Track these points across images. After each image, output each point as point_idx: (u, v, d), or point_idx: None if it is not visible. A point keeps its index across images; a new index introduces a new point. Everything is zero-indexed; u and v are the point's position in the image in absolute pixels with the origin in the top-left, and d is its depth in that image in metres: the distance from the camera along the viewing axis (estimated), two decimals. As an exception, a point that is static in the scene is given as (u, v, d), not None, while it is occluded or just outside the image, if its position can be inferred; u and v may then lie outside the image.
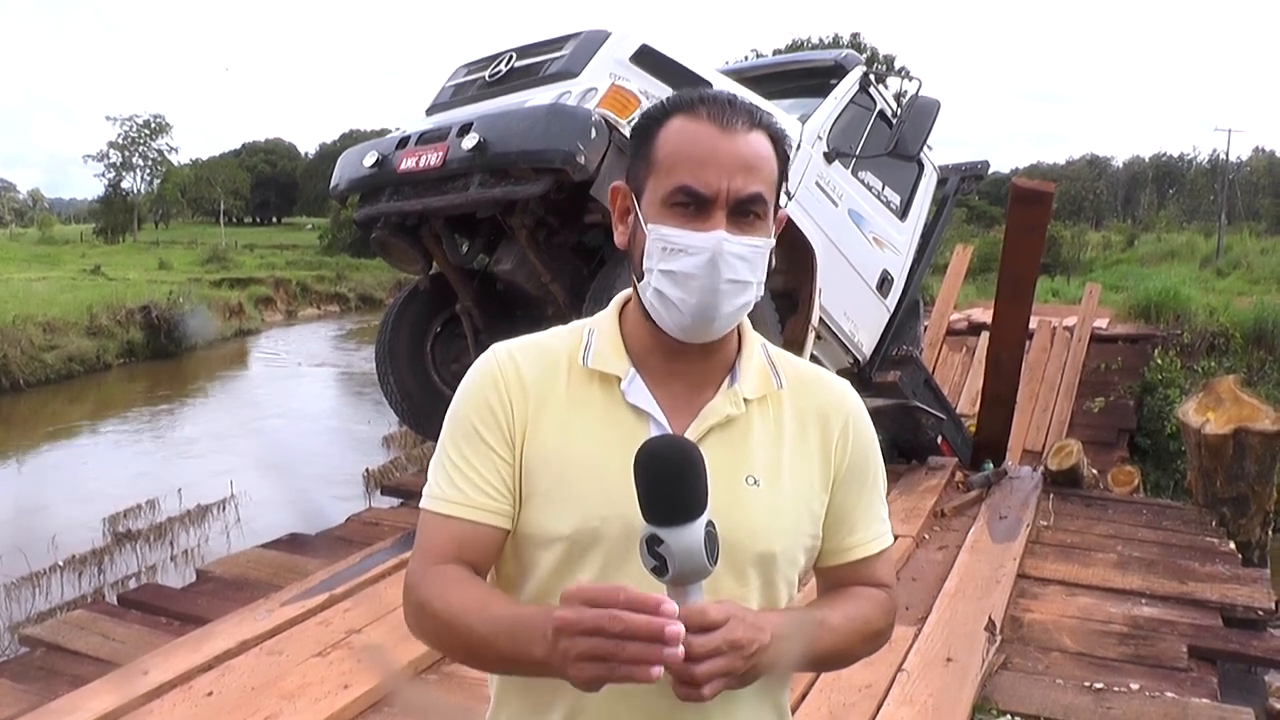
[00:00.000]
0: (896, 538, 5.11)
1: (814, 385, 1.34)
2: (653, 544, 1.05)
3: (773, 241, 1.25)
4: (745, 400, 1.27)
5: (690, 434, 1.22)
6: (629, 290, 1.32)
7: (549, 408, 1.25)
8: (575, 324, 1.34)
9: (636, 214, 1.25)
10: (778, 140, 1.24)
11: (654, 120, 1.24)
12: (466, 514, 1.23)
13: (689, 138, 1.20)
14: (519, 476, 1.25)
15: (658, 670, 0.99)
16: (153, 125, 65.35)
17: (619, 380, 1.26)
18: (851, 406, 1.34)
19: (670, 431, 1.22)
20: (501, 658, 1.15)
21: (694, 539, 1.04)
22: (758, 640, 1.11)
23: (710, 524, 1.06)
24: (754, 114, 1.22)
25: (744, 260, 1.20)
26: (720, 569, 1.12)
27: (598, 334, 1.29)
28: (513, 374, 1.27)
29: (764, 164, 1.21)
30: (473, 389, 1.28)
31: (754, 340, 1.32)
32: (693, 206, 1.19)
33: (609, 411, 1.25)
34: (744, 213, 1.20)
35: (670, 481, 1.06)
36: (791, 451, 1.28)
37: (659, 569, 1.06)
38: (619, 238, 1.30)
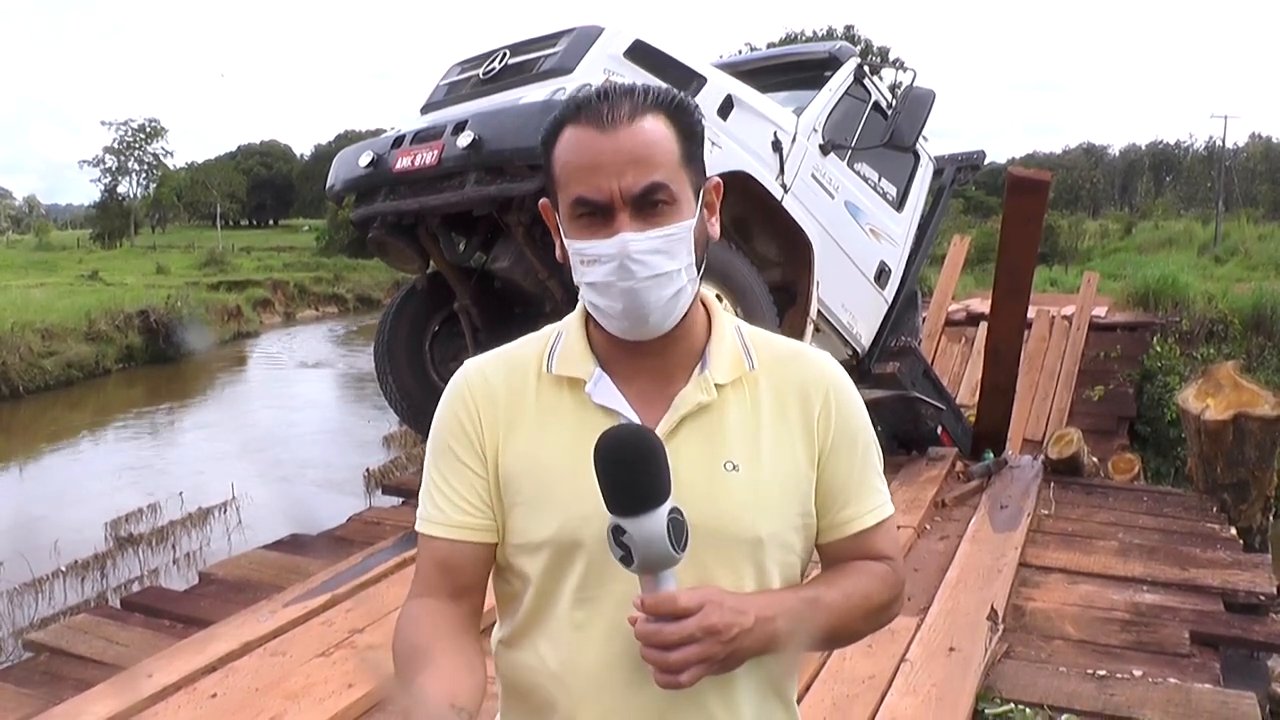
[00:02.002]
0: (898, 528, 5.14)
1: (790, 362, 1.31)
2: (617, 534, 1.06)
3: (693, 220, 1.21)
4: (717, 385, 1.25)
5: (663, 426, 1.21)
6: None
7: (521, 417, 1.26)
8: (547, 328, 1.34)
9: (559, 230, 1.25)
10: (676, 113, 1.20)
11: (550, 134, 1.22)
12: (446, 533, 1.26)
13: (573, 146, 1.18)
14: (496, 489, 1.26)
15: None
16: (148, 129, 65.30)
17: (585, 383, 1.25)
18: (832, 379, 1.31)
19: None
20: None
21: (656, 527, 1.05)
22: (737, 624, 1.11)
23: (675, 511, 1.06)
24: (636, 97, 1.18)
25: (659, 253, 1.18)
26: (709, 557, 1.12)
27: (564, 338, 1.29)
28: (481, 389, 1.28)
29: (655, 150, 1.17)
30: (445, 408, 1.31)
31: (725, 324, 1.30)
32: (596, 215, 1.18)
33: (579, 414, 1.24)
34: (648, 204, 1.17)
35: (626, 471, 1.06)
36: (771, 432, 1.26)
37: (625, 559, 1.07)
38: (558, 253, 1.29)
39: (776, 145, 5.51)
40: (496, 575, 1.32)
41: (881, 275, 6.60)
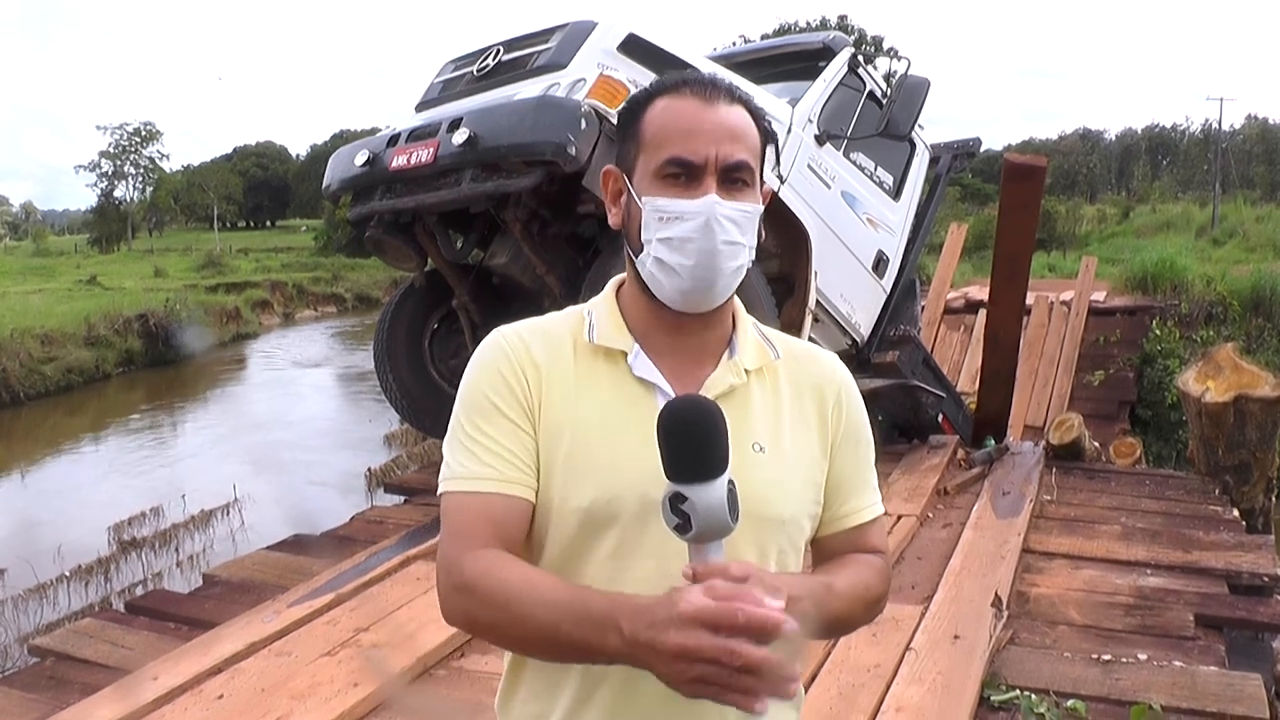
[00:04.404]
0: (900, 517, 5.15)
1: (805, 359, 1.39)
2: (676, 502, 1.07)
3: (761, 208, 1.29)
4: (745, 370, 1.30)
5: None
6: (624, 274, 1.35)
7: (559, 384, 1.27)
8: (572, 308, 1.36)
9: (629, 192, 1.28)
10: (757, 117, 1.29)
11: (640, 103, 1.29)
12: (497, 488, 1.23)
13: (675, 113, 1.25)
14: (537, 451, 1.26)
15: (763, 705, 1.01)
16: (143, 133, 65.36)
17: (624, 355, 1.28)
18: (843, 378, 1.39)
19: None
20: (567, 645, 1.13)
21: (717, 496, 1.07)
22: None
23: (731, 482, 1.08)
24: (733, 90, 1.27)
25: (736, 224, 1.25)
26: (738, 535, 1.13)
27: (597, 314, 1.32)
28: (523, 351, 1.28)
29: (747, 133, 1.26)
30: (485, 366, 1.29)
31: (746, 318, 1.37)
32: (684, 176, 1.24)
33: (617, 385, 1.28)
34: (732, 179, 1.24)
35: (695, 439, 1.08)
36: (791, 421, 1.32)
37: (682, 527, 1.08)
38: (613, 219, 1.33)
39: (772, 136, 5.50)
40: None
41: (879, 264, 6.60)
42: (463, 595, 1.20)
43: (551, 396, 1.26)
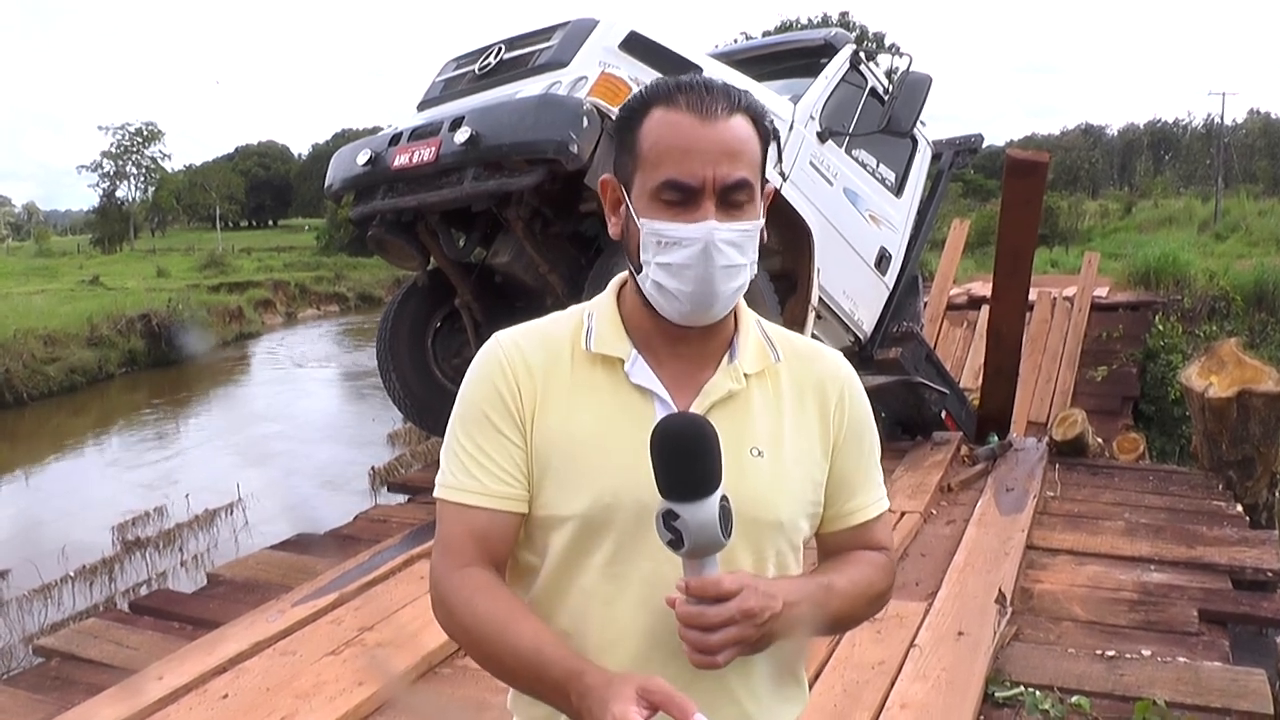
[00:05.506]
0: (904, 514, 5.15)
1: (808, 357, 1.38)
2: (669, 519, 1.09)
3: (761, 221, 1.27)
4: (745, 375, 1.29)
5: (694, 410, 1.25)
6: (625, 273, 1.34)
7: (555, 391, 1.28)
8: (574, 308, 1.36)
9: (628, 206, 1.27)
10: (758, 119, 1.25)
11: (634, 112, 1.25)
12: (484, 503, 1.26)
13: (670, 129, 1.21)
14: (530, 460, 1.27)
15: None
16: (145, 133, 65.33)
17: (622, 362, 1.28)
18: (846, 376, 1.39)
19: (675, 409, 1.25)
20: (529, 692, 1.22)
21: (709, 513, 1.08)
22: (770, 608, 1.15)
23: (724, 498, 1.10)
24: (732, 97, 1.23)
25: (735, 245, 1.23)
26: (734, 540, 1.14)
27: (597, 318, 1.32)
28: (518, 359, 1.29)
29: (746, 148, 1.22)
30: (480, 376, 1.30)
31: (749, 317, 1.35)
32: (681, 198, 1.21)
33: (614, 392, 1.27)
34: (731, 198, 1.22)
35: (686, 458, 1.09)
36: (792, 422, 1.31)
37: (675, 543, 1.10)
38: (612, 229, 1.32)
39: (774, 133, 5.50)
40: None
41: (882, 261, 6.59)
42: (444, 612, 1.27)
43: (547, 403, 1.27)
